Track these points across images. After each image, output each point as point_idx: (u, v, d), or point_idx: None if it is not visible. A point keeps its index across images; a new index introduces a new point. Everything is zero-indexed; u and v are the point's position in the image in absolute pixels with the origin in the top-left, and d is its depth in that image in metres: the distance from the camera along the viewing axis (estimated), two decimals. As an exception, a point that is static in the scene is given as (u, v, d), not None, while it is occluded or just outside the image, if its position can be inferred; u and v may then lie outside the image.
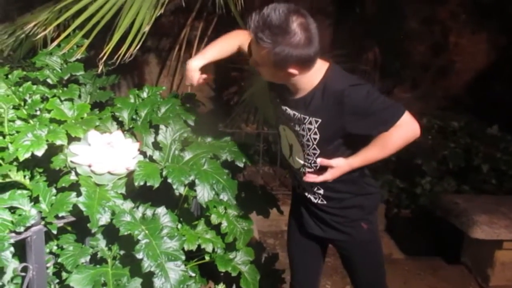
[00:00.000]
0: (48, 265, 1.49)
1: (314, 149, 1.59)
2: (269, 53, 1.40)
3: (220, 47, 1.71)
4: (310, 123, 1.54)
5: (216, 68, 4.03)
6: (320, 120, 1.52)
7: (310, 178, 1.60)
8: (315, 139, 1.56)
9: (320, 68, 1.52)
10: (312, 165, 1.63)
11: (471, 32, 4.49)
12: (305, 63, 1.45)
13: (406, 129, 1.51)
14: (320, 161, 1.58)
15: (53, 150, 1.53)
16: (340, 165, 1.56)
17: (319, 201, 1.70)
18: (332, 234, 1.75)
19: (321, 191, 1.68)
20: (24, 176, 1.55)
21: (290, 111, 1.58)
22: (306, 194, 1.73)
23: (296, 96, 1.56)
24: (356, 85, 1.50)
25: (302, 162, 1.65)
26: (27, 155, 1.45)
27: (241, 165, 1.74)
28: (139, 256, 1.39)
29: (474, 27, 4.47)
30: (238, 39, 1.71)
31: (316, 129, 1.54)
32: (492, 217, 2.89)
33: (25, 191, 1.51)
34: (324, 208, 1.71)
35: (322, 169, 1.59)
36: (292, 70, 1.45)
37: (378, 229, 1.82)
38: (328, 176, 1.57)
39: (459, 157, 3.65)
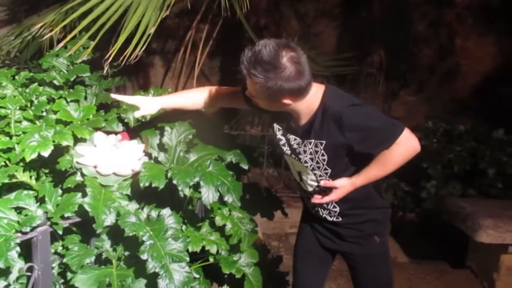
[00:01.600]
0: (53, 265, 1.50)
1: (325, 169, 1.62)
2: (262, 87, 1.46)
3: (186, 97, 1.77)
4: (316, 145, 1.58)
5: (221, 71, 4.05)
6: (324, 142, 1.57)
7: (316, 199, 1.64)
8: (324, 159, 1.60)
9: (317, 92, 1.56)
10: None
11: (478, 35, 4.47)
12: (298, 94, 1.51)
13: (406, 146, 1.53)
14: (324, 183, 1.62)
15: (59, 151, 1.54)
16: (343, 185, 1.60)
17: (335, 219, 1.73)
18: (345, 246, 1.77)
19: (337, 209, 1.70)
20: (31, 177, 1.56)
21: (298, 139, 1.63)
22: (321, 214, 1.75)
23: (300, 123, 1.61)
24: (354, 104, 1.54)
25: (315, 184, 1.68)
26: (34, 155, 1.46)
27: (245, 167, 1.74)
28: (144, 257, 1.40)
29: (481, 30, 4.45)
30: (211, 93, 1.75)
31: (322, 151, 1.58)
32: (498, 221, 2.87)
33: (31, 192, 1.52)
34: (340, 224, 1.73)
35: (329, 190, 1.63)
36: (286, 101, 1.51)
37: (388, 243, 1.83)
38: (333, 196, 1.62)
39: (465, 161, 3.63)
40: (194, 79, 3.46)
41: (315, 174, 1.65)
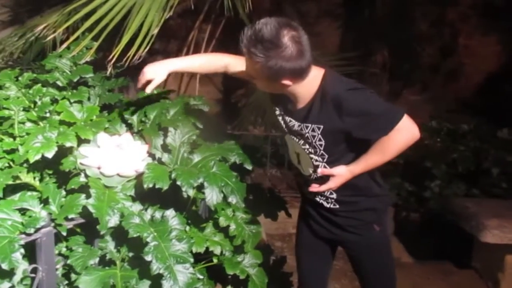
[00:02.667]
0: (57, 266, 1.50)
1: (322, 154, 1.60)
2: (263, 67, 1.44)
3: (193, 60, 1.75)
4: (313, 130, 1.56)
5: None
6: (322, 126, 1.54)
7: (314, 188, 1.62)
8: (321, 145, 1.58)
9: (317, 75, 1.54)
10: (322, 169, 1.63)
11: (482, 34, 4.45)
12: (298, 75, 1.48)
13: (405, 133, 1.50)
14: (321, 171, 1.60)
15: (63, 152, 1.54)
16: (341, 173, 1.58)
17: (332, 206, 1.71)
18: (344, 236, 1.75)
19: (334, 196, 1.68)
20: (34, 178, 1.56)
21: (294, 122, 1.61)
22: (318, 199, 1.73)
23: (298, 106, 1.59)
24: (354, 89, 1.52)
25: (311, 169, 1.66)
26: (37, 157, 1.46)
27: (249, 167, 1.73)
28: (148, 258, 1.39)
29: (484, 29, 4.43)
30: (225, 59, 1.73)
31: (320, 135, 1.56)
32: (502, 221, 2.86)
33: (35, 193, 1.52)
34: (337, 212, 1.72)
35: (327, 177, 1.60)
36: (286, 82, 1.49)
37: (388, 233, 1.82)
38: (331, 184, 1.59)
39: (469, 160, 3.62)
40: (196, 79, 3.46)
41: (311, 159, 1.63)
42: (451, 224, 3.16)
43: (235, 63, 1.71)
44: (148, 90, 1.66)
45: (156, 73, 1.65)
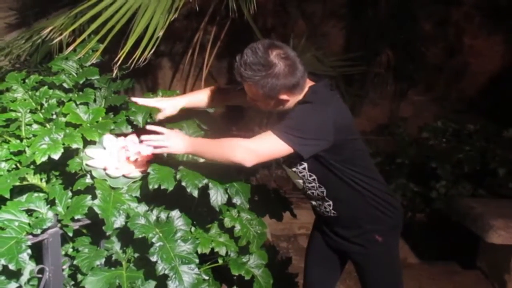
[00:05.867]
0: (64, 267, 1.51)
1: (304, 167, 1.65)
2: (257, 87, 1.52)
3: (202, 96, 1.82)
4: None
5: (229, 72, 4.06)
6: None
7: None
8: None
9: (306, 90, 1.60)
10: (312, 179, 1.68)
11: (487, 34, 4.43)
12: (293, 88, 1.55)
13: (247, 151, 1.48)
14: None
15: (69, 153, 1.55)
16: (168, 133, 1.52)
17: (331, 214, 1.75)
18: (348, 246, 1.78)
19: (330, 203, 1.72)
20: (41, 179, 1.57)
21: None
22: (320, 209, 1.77)
23: None
24: (306, 102, 1.55)
25: (301, 181, 1.70)
26: (44, 158, 1.47)
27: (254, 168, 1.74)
28: (153, 259, 1.40)
29: (489, 29, 4.41)
30: (225, 92, 1.86)
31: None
32: (508, 222, 2.84)
33: (41, 194, 1.53)
34: (338, 220, 1.75)
35: (321, 197, 1.69)
36: (284, 97, 1.56)
37: (394, 244, 1.81)
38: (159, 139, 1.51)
39: (475, 161, 3.60)
40: (202, 81, 3.47)
41: (295, 170, 1.69)
42: (457, 225, 3.14)
43: (235, 92, 1.78)
44: (160, 117, 1.75)
45: (168, 106, 1.74)
